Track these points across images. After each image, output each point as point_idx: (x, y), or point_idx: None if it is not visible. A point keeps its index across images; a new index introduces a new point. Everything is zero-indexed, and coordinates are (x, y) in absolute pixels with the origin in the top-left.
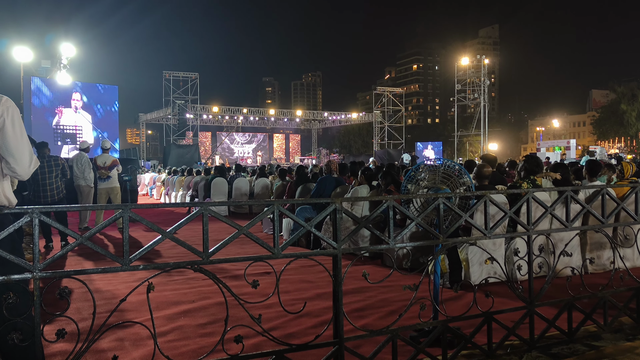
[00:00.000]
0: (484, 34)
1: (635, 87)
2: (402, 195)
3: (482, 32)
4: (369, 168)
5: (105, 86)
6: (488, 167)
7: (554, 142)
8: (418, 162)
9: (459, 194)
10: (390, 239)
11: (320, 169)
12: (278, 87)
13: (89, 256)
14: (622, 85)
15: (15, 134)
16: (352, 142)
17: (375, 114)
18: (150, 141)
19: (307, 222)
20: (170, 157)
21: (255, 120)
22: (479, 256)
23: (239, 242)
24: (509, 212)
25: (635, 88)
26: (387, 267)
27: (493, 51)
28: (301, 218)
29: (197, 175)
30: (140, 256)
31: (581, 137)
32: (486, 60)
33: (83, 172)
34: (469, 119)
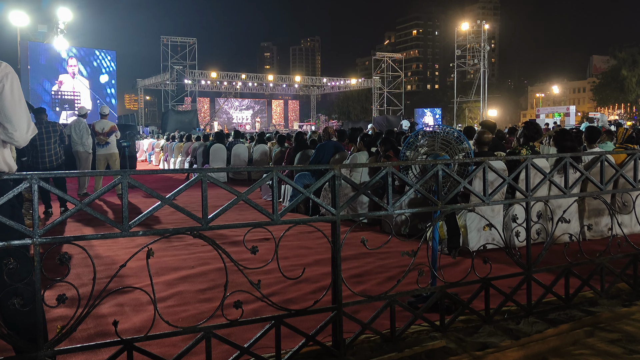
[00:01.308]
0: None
1: (636, 53)
2: (401, 161)
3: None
4: (367, 134)
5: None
6: (488, 134)
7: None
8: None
9: (457, 160)
10: (389, 206)
11: (319, 135)
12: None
13: (89, 222)
14: (623, 51)
15: (13, 100)
16: (351, 108)
17: (374, 79)
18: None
19: (306, 189)
20: (169, 123)
21: (254, 86)
22: (477, 223)
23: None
24: (508, 179)
25: (636, 54)
26: (386, 233)
27: (493, 16)
28: (300, 184)
29: (196, 141)
30: (139, 222)
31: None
32: (486, 26)
33: (81, 138)
34: (469, 85)
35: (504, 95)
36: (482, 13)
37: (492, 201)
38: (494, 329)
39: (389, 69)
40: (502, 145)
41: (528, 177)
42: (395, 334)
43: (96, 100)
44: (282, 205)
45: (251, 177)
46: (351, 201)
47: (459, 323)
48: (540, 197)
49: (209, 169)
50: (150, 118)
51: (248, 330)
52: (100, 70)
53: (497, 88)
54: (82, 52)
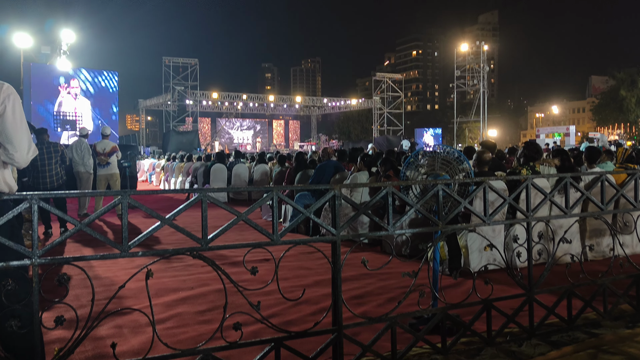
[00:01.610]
0: (484, 20)
1: (635, 73)
2: (401, 181)
3: (481, 18)
4: (368, 154)
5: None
6: (488, 153)
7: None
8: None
9: (458, 180)
10: (389, 226)
11: (318, 155)
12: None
13: (88, 243)
14: (622, 72)
15: (15, 121)
16: (351, 128)
17: (374, 100)
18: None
19: (306, 209)
20: (170, 144)
21: (255, 106)
22: (479, 243)
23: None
24: (508, 199)
25: (635, 74)
26: (387, 253)
27: (492, 37)
28: (300, 204)
29: (197, 161)
30: (139, 243)
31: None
32: (485, 47)
33: (82, 158)
34: (469, 105)
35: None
36: (481, 34)
37: (492, 221)
38: (496, 351)
39: (389, 89)
40: (502, 165)
41: (529, 197)
42: (396, 357)
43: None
44: (282, 225)
45: (252, 197)
46: (351, 221)
47: (460, 345)
48: (541, 217)
49: (209, 189)
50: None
51: (247, 353)
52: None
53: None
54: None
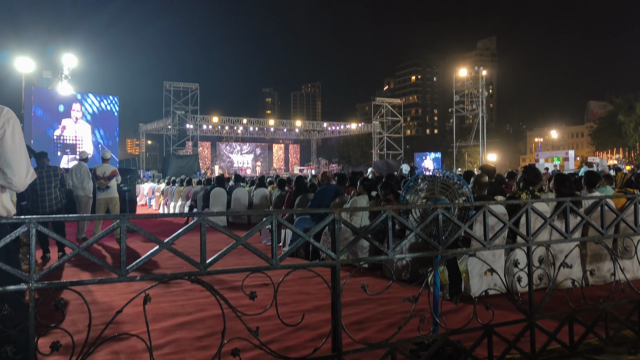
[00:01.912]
0: (482, 46)
1: (633, 99)
2: (401, 205)
3: (480, 44)
4: (368, 178)
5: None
6: (485, 177)
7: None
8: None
9: (458, 204)
10: (389, 250)
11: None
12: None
13: (86, 267)
14: (620, 97)
15: (14, 146)
16: (351, 153)
17: (374, 124)
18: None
19: (305, 233)
20: (170, 167)
21: (255, 130)
22: (479, 268)
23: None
24: (508, 223)
25: (633, 99)
26: (387, 278)
27: (491, 63)
28: (300, 228)
29: (197, 185)
30: (137, 267)
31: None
32: (484, 72)
33: (82, 182)
34: (468, 129)
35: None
36: (480, 60)
37: (493, 246)
38: None
39: (388, 114)
40: (502, 189)
41: (528, 222)
42: None
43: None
44: (281, 249)
45: (251, 221)
46: (351, 245)
47: None
48: (542, 241)
49: (209, 213)
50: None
51: None
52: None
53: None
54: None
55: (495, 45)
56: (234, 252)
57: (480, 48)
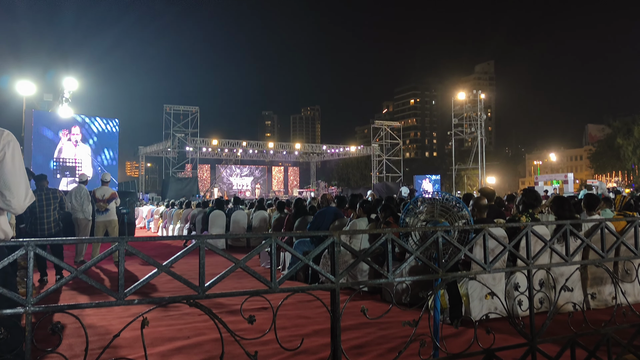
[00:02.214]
0: (480, 70)
1: (631, 122)
2: (401, 228)
3: (478, 68)
4: (367, 201)
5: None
6: (484, 200)
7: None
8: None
9: (457, 227)
10: (389, 273)
11: (318, 201)
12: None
13: (84, 290)
14: (618, 120)
15: (14, 168)
16: (350, 175)
17: (373, 147)
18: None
19: (305, 256)
20: (169, 190)
21: (254, 153)
22: (479, 291)
23: (235, 276)
24: (509, 246)
25: (630, 123)
26: (387, 302)
27: (489, 86)
28: (299, 251)
29: (196, 208)
30: (135, 290)
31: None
32: (482, 95)
33: (82, 205)
34: (467, 152)
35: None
36: (478, 83)
37: (493, 269)
38: None
39: (387, 136)
40: (501, 212)
41: (529, 245)
42: None
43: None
44: (281, 272)
45: (250, 243)
46: (351, 268)
47: None
48: (542, 264)
49: (207, 236)
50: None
51: None
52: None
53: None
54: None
55: (493, 69)
56: (232, 275)
57: (479, 72)
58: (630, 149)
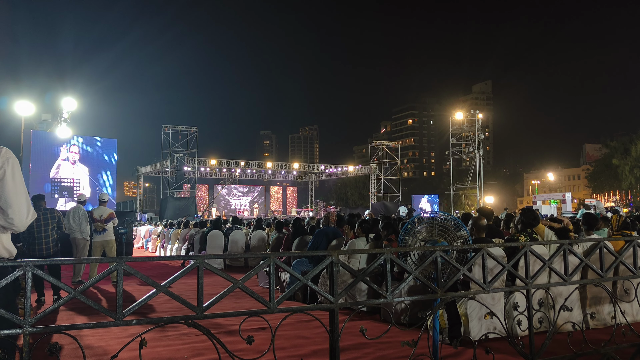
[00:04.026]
0: (478, 90)
1: (628, 142)
2: (400, 247)
3: (475, 88)
4: (366, 220)
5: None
6: (483, 219)
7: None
8: (415, 215)
9: (456, 247)
10: (388, 293)
11: (317, 221)
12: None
13: (82, 311)
14: (615, 140)
15: (15, 185)
16: (348, 195)
17: (371, 166)
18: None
19: (303, 276)
20: (167, 210)
21: (253, 173)
22: (478, 311)
23: (234, 296)
24: (507, 266)
25: (628, 142)
26: (386, 322)
27: (487, 106)
28: (298, 271)
29: (194, 227)
30: (133, 311)
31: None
32: (480, 115)
33: (80, 225)
34: (465, 172)
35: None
36: (476, 103)
37: (492, 289)
38: None
39: (385, 156)
40: (500, 232)
41: (527, 264)
42: None
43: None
44: (279, 292)
45: (248, 263)
46: (349, 288)
47: None
48: (541, 284)
49: (206, 256)
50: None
51: None
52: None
53: (492, 175)
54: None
55: (490, 88)
56: (231, 295)
57: (476, 92)
58: (627, 168)
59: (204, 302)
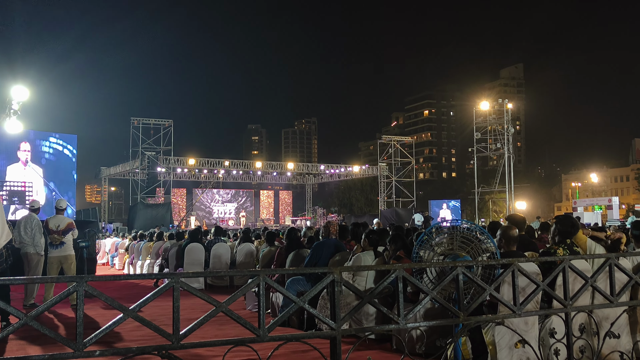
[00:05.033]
0: (507, 75)
1: None
2: (414, 263)
3: (504, 72)
4: (374, 231)
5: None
6: (515, 230)
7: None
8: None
9: (481, 262)
10: (400, 318)
11: (315, 231)
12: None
13: (35, 340)
14: None
15: None
16: (353, 200)
17: (380, 166)
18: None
19: (299, 297)
20: (137, 219)
21: (239, 174)
22: (509, 338)
23: (216, 322)
24: (542, 285)
25: None
26: (398, 351)
27: (517, 94)
28: (293, 292)
29: (169, 240)
30: (96, 339)
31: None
32: (510, 105)
33: (33, 237)
34: (492, 173)
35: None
36: (504, 91)
37: (524, 312)
38: None
39: (397, 154)
40: (533, 244)
41: (566, 282)
42: None
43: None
44: (270, 317)
45: (234, 283)
46: (354, 312)
47: None
48: (582, 306)
49: (183, 274)
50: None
51: None
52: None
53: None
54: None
55: (522, 73)
56: (213, 320)
57: (505, 77)
58: None
59: (181, 329)
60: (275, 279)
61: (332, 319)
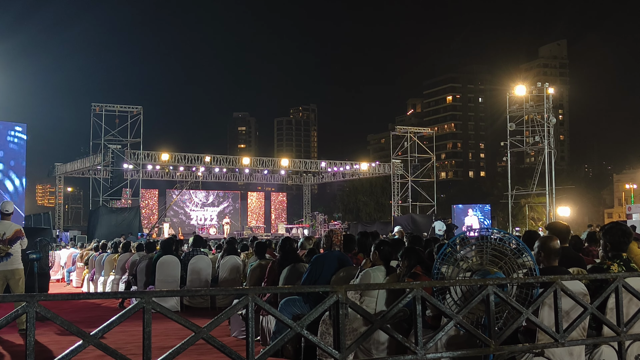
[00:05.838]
0: (547, 53)
1: None
2: (435, 281)
3: (543, 51)
4: (385, 242)
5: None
6: (556, 240)
7: None
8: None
9: (517, 280)
10: (418, 347)
11: (315, 242)
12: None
13: None
14: None
15: None
16: (360, 205)
17: (393, 164)
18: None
19: (295, 321)
20: (99, 226)
21: (223, 172)
22: None
23: (195, 351)
24: (591, 307)
25: None
26: None
27: (560, 77)
28: (288, 315)
29: (137, 252)
30: None
31: None
32: (551, 90)
33: None
34: (529, 172)
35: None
36: (544, 72)
37: (568, 340)
38: None
39: (414, 149)
40: (580, 258)
41: (619, 305)
42: None
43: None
44: (260, 345)
45: (216, 304)
46: (363, 340)
47: None
48: (638, 334)
49: (154, 292)
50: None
51: None
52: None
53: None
54: None
55: (565, 52)
56: (192, 349)
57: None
58: None
59: (153, 358)
60: (267, 299)
61: (335, 348)
